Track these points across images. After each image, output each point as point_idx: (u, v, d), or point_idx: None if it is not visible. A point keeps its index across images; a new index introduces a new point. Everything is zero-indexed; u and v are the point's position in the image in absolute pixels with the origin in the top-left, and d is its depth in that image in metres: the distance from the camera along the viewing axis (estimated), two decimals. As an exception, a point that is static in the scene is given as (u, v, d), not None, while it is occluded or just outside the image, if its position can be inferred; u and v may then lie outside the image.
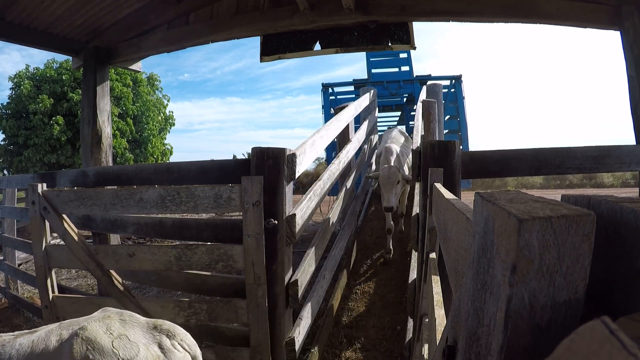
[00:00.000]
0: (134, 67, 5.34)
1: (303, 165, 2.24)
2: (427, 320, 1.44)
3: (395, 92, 8.41)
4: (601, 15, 3.56)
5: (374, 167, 5.62)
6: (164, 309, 2.14)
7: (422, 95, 5.10)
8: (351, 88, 8.90)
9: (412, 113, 8.48)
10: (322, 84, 8.56)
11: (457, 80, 7.88)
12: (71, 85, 15.39)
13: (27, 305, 3.84)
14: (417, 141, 3.28)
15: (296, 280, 2.12)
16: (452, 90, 7.86)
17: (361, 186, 5.09)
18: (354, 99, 6.66)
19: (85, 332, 1.23)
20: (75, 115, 14.96)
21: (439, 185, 1.42)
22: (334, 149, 6.07)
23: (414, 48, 4.27)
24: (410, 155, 4.40)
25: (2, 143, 15.61)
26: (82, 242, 2.28)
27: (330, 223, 3.12)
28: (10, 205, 4.23)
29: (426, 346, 1.32)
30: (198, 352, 1.39)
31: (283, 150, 2.04)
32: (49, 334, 1.28)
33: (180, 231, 2.58)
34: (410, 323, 2.72)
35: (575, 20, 3.67)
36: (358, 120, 5.22)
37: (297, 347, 2.12)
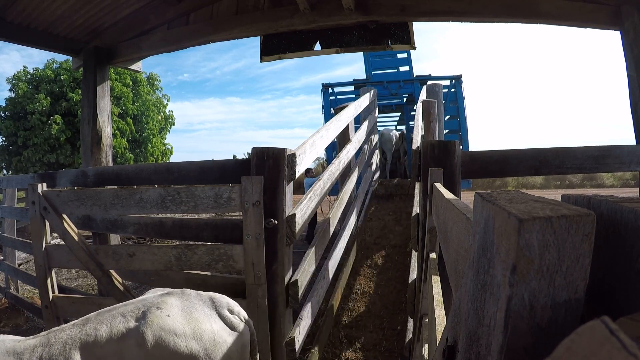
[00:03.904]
0: (134, 67, 5.34)
1: (303, 165, 2.24)
2: (427, 320, 1.44)
3: (396, 92, 8.42)
4: (601, 15, 3.56)
5: None
6: (164, 309, 2.14)
7: (422, 95, 5.10)
8: (351, 88, 8.92)
9: (412, 113, 8.49)
10: (322, 84, 8.57)
11: (457, 80, 7.89)
12: (70, 85, 15.39)
13: (27, 305, 3.84)
14: (417, 141, 3.28)
15: (296, 280, 2.12)
16: (452, 90, 7.88)
17: (361, 186, 5.09)
18: (354, 99, 6.67)
19: (153, 318, 1.23)
20: (74, 115, 14.96)
21: (439, 185, 1.42)
22: (334, 149, 6.08)
23: (414, 48, 4.27)
24: None
25: (1, 144, 15.61)
26: (82, 242, 2.28)
27: (331, 223, 3.11)
28: (10, 205, 4.23)
29: (426, 346, 1.32)
30: (251, 323, 1.48)
31: (283, 150, 2.04)
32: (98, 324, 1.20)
33: (180, 231, 2.58)
34: (410, 323, 2.72)
35: (575, 20, 3.67)
36: (358, 120, 5.22)
37: (297, 347, 2.12)
